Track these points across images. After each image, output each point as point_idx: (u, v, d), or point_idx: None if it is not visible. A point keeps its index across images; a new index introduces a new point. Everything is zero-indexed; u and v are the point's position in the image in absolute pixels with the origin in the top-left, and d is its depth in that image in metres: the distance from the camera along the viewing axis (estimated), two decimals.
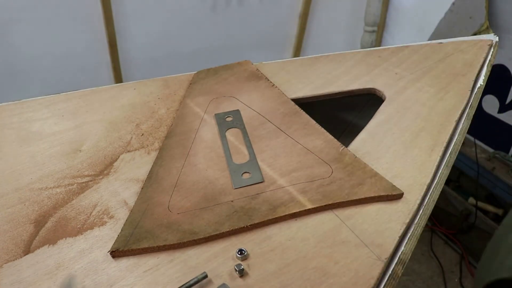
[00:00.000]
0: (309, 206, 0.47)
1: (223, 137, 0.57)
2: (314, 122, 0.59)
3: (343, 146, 0.54)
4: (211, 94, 0.64)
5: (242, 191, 0.50)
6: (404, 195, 0.49)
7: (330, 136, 0.56)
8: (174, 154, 0.55)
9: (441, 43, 0.73)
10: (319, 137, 0.56)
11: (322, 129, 0.57)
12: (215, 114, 0.61)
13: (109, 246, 0.45)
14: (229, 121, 0.59)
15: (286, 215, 0.47)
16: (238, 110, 0.61)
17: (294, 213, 0.47)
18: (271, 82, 0.66)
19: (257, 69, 0.69)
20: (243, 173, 0.52)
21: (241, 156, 0.54)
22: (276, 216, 0.46)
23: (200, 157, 0.54)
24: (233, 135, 0.57)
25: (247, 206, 0.48)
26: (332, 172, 0.51)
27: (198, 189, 0.50)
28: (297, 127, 0.58)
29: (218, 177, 0.52)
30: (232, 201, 0.49)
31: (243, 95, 0.64)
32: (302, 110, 0.60)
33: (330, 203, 0.47)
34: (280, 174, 0.51)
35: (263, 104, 0.62)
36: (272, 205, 0.48)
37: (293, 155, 0.54)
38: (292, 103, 0.62)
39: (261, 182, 0.51)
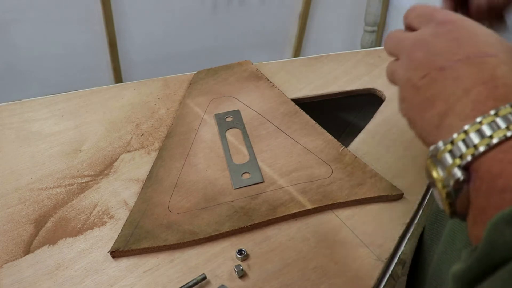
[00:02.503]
0: (309, 206, 0.47)
1: (223, 137, 0.57)
2: (314, 122, 0.59)
3: (343, 146, 0.54)
4: (211, 94, 0.64)
5: (242, 191, 0.50)
6: (404, 195, 0.49)
7: (330, 136, 0.56)
8: (174, 154, 0.55)
9: None
10: (319, 137, 0.56)
11: (322, 129, 0.57)
12: (215, 114, 0.61)
13: (109, 246, 0.45)
14: (229, 121, 0.60)
15: (286, 215, 0.47)
16: (238, 110, 0.61)
17: (294, 213, 0.47)
18: (271, 82, 0.66)
19: (257, 69, 0.69)
20: (243, 173, 0.52)
21: (241, 156, 0.54)
22: (276, 216, 0.46)
23: (200, 157, 0.54)
24: (233, 135, 0.57)
25: (247, 206, 0.48)
26: (332, 172, 0.51)
27: (198, 189, 0.50)
28: (297, 127, 0.58)
29: (218, 177, 0.52)
30: (232, 201, 0.49)
31: (243, 95, 0.64)
32: (302, 110, 0.60)
33: (330, 203, 0.47)
34: (280, 174, 0.51)
35: (263, 104, 0.62)
36: (272, 205, 0.48)
37: (293, 155, 0.54)
38: (292, 103, 0.62)
39: (261, 182, 0.51)
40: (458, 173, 0.27)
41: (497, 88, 0.27)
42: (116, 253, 0.44)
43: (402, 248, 0.45)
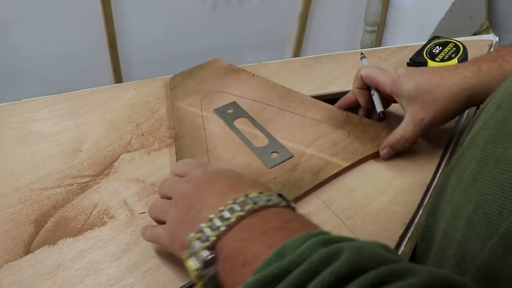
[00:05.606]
0: (345, 164, 0.51)
1: (233, 128, 0.57)
2: (309, 97, 0.61)
3: (346, 111, 0.58)
4: (198, 93, 0.64)
5: (279, 168, 0.51)
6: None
7: (330, 105, 0.59)
8: (193, 153, 0.54)
9: None
10: (321, 108, 0.59)
11: (320, 101, 0.60)
12: (215, 109, 0.61)
13: (109, 246, 0.45)
14: (230, 113, 0.60)
15: (329, 177, 0.50)
16: (234, 101, 0.62)
17: (335, 173, 0.50)
18: (250, 72, 0.67)
19: (229, 64, 0.70)
20: (271, 153, 0.53)
21: (259, 140, 0.56)
22: (321, 180, 0.49)
23: (221, 149, 0.55)
24: (242, 124, 0.58)
25: (291, 178, 0.50)
26: (349, 133, 0.55)
27: None
28: (296, 104, 0.60)
29: (250, 161, 0.53)
30: (275, 178, 0.50)
31: (230, 88, 0.65)
32: (293, 90, 0.63)
33: (361, 157, 0.51)
34: (304, 145, 0.54)
35: (254, 92, 0.63)
36: (313, 171, 0.50)
37: (306, 128, 0.56)
38: (281, 85, 0.64)
39: (291, 157, 0.52)
40: (205, 253, 0.31)
41: (240, 185, 0.35)
42: None
43: (402, 248, 0.45)
